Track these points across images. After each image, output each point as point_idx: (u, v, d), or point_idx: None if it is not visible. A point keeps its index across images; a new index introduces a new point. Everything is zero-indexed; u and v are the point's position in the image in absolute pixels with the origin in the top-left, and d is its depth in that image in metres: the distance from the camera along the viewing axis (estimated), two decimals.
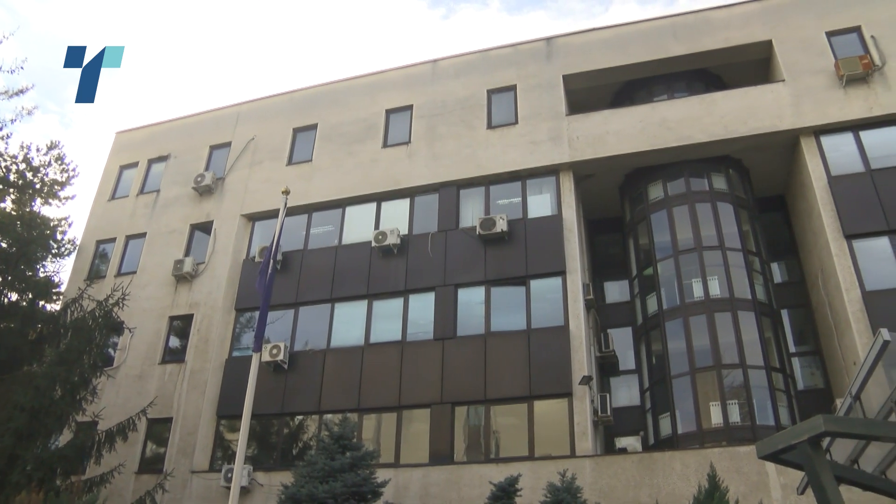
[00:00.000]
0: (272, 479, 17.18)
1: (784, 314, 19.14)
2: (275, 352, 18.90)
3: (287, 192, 14.13)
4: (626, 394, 19.37)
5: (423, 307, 19.05)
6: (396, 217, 20.67)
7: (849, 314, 15.79)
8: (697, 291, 17.99)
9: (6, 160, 19.78)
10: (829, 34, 19.42)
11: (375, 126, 22.42)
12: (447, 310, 18.66)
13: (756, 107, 18.89)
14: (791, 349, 18.66)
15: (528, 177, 20.09)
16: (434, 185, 20.74)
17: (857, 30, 19.26)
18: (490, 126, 21.07)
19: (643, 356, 19.00)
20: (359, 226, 20.96)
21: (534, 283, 18.48)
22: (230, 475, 16.90)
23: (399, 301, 19.42)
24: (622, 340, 19.72)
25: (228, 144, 24.09)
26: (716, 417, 16.30)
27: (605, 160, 19.74)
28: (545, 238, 18.84)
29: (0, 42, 19.38)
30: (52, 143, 20.43)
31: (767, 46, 20.09)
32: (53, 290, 18.96)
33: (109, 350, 20.67)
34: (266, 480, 17.49)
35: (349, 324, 19.63)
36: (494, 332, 18.10)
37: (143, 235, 23.30)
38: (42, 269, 18.89)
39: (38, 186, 20.16)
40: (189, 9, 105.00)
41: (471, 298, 18.85)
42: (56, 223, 20.06)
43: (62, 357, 16.68)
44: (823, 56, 19.08)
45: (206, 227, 22.64)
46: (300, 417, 19.19)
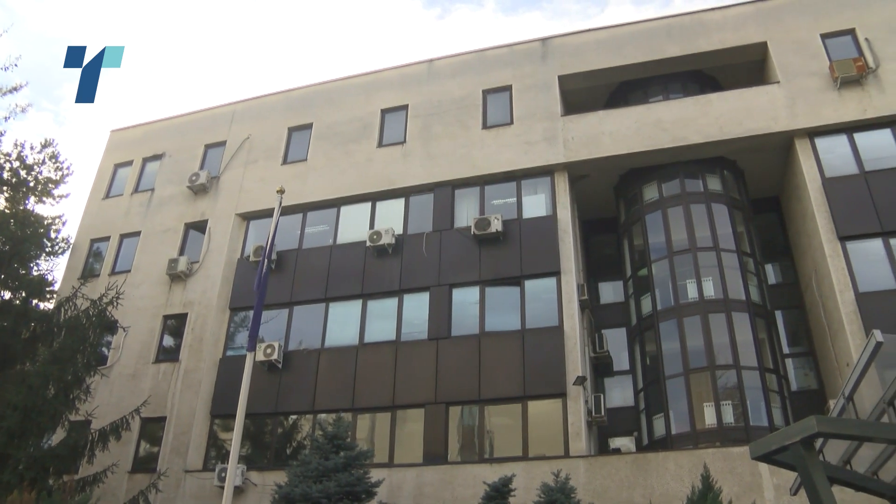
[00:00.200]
0: (266, 479, 17.17)
1: (778, 315, 19.22)
2: (269, 351, 18.88)
3: (282, 192, 14.14)
4: (620, 394, 19.43)
5: (418, 307, 19.05)
6: (391, 217, 20.66)
7: (842, 315, 15.84)
8: (692, 292, 18.03)
9: (0, 158, 19.72)
10: (824, 36, 19.50)
11: (371, 125, 22.41)
12: (442, 310, 18.66)
13: (751, 108, 18.94)
14: (785, 350, 18.73)
15: (523, 177, 20.11)
16: (429, 185, 20.74)
17: (852, 32, 19.34)
18: (485, 126, 21.08)
19: (637, 357, 19.04)
20: (353, 225, 20.95)
21: (528, 284, 18.50)
22: (224, 474, 16.92)
23: (393, 301, 19.41)
24: (616, 341, 19.77)
25: (223, 143, 24.05)
26: (709, 418, 16.34)
27: (600, 161, 19.77)
28: (540, 238, 18.86)
29: None
30: (47, 141, 20.33)
31: (762, 48, 20.15)
32: (47, 289, 18.85)
33: (103, 349, 20.60)
34: (260, 480, 17.47)
35: (343, 323, 19.63)
36: (489, 333, 18.10)
37: (138, 234, 23.23)
38: (36, 268, 18.81)
39: (32, 184, 20.07)
40: (184, 7, 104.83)
41: (465, 298, 18.85)
42: (50, 221, 19.95)
43: (55, 356, 16.61)
44: (818, 58, 19.15)
45: (201, 227, 22.59)
46: (294, 417, 19.17)
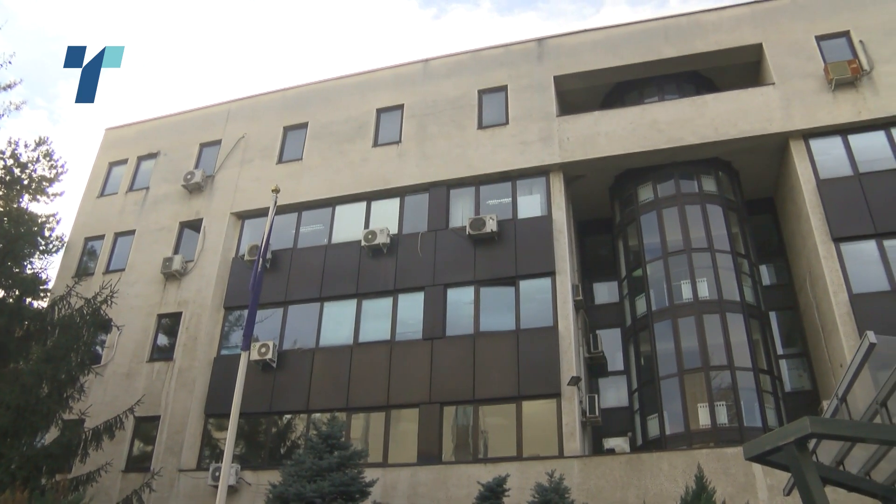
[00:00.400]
0: (260, 478, 17.13)
1: (772, 316, 19.24)
2: (263, 350, 18.84)
3: (277, 191, 14.15)
4: (615, 395, 19.43)
5: (413, 307, 19.03)
6: (386, 216, 20.65)
7: (836, 317, 15.89)
8: (686, 293, 18.05)
9: None
10: (819, 38, 19.56)
11: (366, 125, 22.39)
12: (436, 309, 18.65)
13: (746, 109, 18.98)
14: (779, 351, 18.77)
15: (519, 177, 20.11)
16: (424, 185, 20.72)
17: (847, 34, 19.39)
18: (481, 126, 21.07)
19: (632, 357, 19.06)
20: (348, 225, 20.93)
21: (523, 284, 18.50)
22: (218, 474, 16.81)
23: (388, 300, 19.40)
24: (611, 341, 19.78)
25: (218, 142, 24.00)
26: (703, 419, 16.36)
27: (596, 161, 19.78)
28: (535, 239, 18.86)
29: None
30: (41, 139, 20.25)
31: (758, 50, 20.19)
32: (41, 287, 18.77)
33: (97, 347, 20.54)
34: (254, 479, 17.43)
35: (338, 323, 19.60)
36: (483, 333, 18.10)
37: (132, 233, 23.17)
38: (29, 266, 18.73)
39: (26, 182, 19.99)
40: (180, 6, 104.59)
41: (460, 298, 18.84)
42: (44, 220, 19.88)
43: (49, 354, 16.56)
44: (813, 60, 19.20)
45: (196, 225, 22.55)
46: (288, 416, 19.15)
